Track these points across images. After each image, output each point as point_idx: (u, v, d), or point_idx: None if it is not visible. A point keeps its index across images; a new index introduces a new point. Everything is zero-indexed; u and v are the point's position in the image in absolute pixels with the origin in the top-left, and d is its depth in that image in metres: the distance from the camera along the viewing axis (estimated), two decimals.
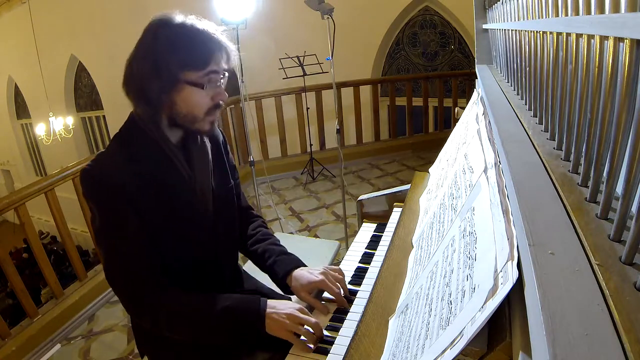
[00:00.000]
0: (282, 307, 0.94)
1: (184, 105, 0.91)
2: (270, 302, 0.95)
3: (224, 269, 1.11)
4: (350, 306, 1.03)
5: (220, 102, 0.95)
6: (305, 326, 0.92)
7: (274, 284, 1.13)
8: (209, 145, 1.06)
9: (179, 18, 0.91)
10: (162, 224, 0.96)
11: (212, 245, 1.06)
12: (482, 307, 0.51)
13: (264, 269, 1.14)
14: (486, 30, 1.69)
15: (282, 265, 1.09)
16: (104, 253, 0.94)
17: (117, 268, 0.94)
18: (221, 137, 1.15)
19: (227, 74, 0.95)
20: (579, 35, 0.57)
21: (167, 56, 0.87)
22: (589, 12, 0.53)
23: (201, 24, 0.92)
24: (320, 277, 1.03)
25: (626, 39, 0.41)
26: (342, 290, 1.04)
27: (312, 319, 0.93)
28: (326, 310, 1.01)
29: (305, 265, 1.11)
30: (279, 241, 1.20)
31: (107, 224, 0.92)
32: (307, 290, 1.03)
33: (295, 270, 1.07)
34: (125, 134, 0.97)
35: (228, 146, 1.17)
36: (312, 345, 0.91)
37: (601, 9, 0.49)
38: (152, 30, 0.90)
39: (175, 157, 0.97)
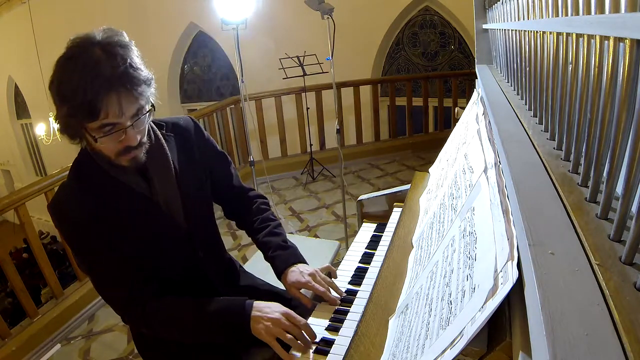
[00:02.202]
0: (267, 311, 0.93)
1: (93, 145, 0.87)
2: (257, 305, 0.94)
3: (208, 271, 1.10)
4: (350, 306, 1.03)
5: (130, 144, 0.87)
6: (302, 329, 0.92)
7: (272, 281, 1.14)
8: (174, 146, 1.02)
9: (91, 46, 0.79)
10: (132, 245, 0.96)
11: (190, 252, 1.06)
12: (482, 307, 0.51)
13: (267, 259, 1.14)
14: (486, 30, 1.69)
15: (278, 262, 1.09)
16: (88, 276, 0.98)
17: (101, 287, 0.97)
18: (192, 129, 1.08)
19: (145, 108, 0.86)
20: (579, 35, 0.57)
21: (63, 100, 0.80)
22: (589, 12, 0.53)
23: (106, 60, 0.79)
24: (308, 278, 1.04)
25: (626, 39, 0.41)
26: (331, 290, 1.04)
27: (296, 327, 0.91)
28: (310, 304, 1.03)
29: (302, 259, 1.10)
30: (279, 225, 1.18)
31: (81, 252, 0.95)
32: (296, 287, 1.04)
33: (290, 268, 1.07)
34: (78, 164, 0.95)
35: (205, 134, 1.11)
36: (297, 354, 0.89)
37: (601, 9, 0.49)
38: (59, 63, 0.81)
39: (128, 178, 0.94)
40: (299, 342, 0.90)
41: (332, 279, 1.10)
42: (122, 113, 0.81)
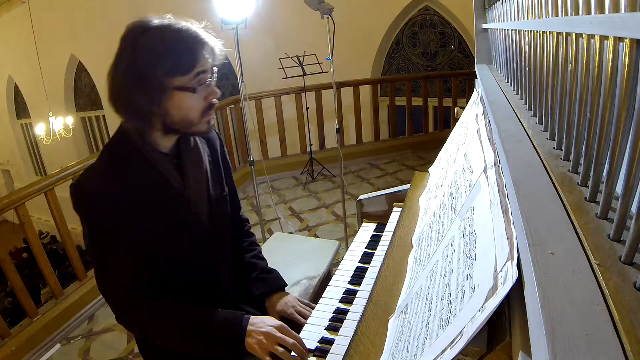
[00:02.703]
0: (261, 325, 0.93)
1: (177, 111, 0.89)
2: (252, 320, 0.94)
3: (221, 273, 1.11)
4: (350, 306, 1.04)
5: (214, 101, 0.93)
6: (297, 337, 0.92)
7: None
8: (207, 150, 1.05)
9: (156, 21, 0.87)
10: (155, 238, 0.95)
11: (208, 254, 1.06)
12: (482, 307, 0.51)
13: (249, 279, 1.19)
14: (486, 30, 1.68)
15: (262, 285, 1.15)
16: (94, 265, 0.96)
17: (106, 280, 0.96)
18: (218, 142, 1.13)
19: (216, 69, 0.92)
20: (579, 35, 0.57)
21: (152, 66, 0.84)
22: (589, 12, 0.53)
23: (180, 24, 0.87)
24: (292, 310, 1.10)
25: (626, 39, 0.41)
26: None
27: (290, 340, 0.90)
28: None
29: (284, 284, 1.18)
30: (261, 251, 1.25)
31: (96, 239, 0.93)
32: (279, 315, 1.09)
33: (276, 295, 1.14)
34: (115, 148, 0.95)
35: (225, 150, 1.17)
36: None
37: (601, 9, 0.49)
38: (131, 40, 0.86)
39: (167, 170, 0.95)
40: (292, 354, 0.90)
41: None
42: (213, 58, 0.89)
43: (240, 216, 1.27)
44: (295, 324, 1.06)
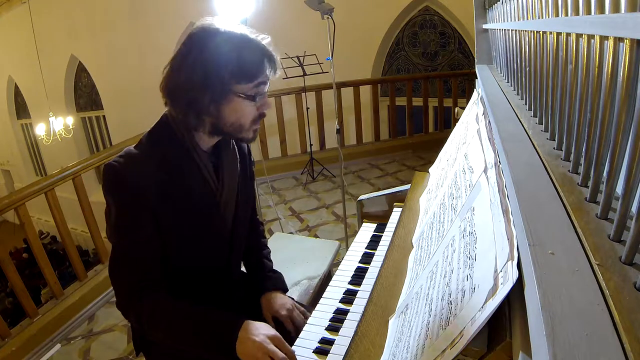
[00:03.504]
0: (255, 332, 0.89)
1: (232, 115, 0.92)
2: (247, 326, 0.90)
3: (232, 271, 1.13)
4: (350, 306, 1.04)
5: (265, 111, 0.96)
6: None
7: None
8: (237, 154, 1.07)
9: (222, 25, 0.90)
10: (179, 232, 0.96)
11: (226, 253, 1.07)
12: (482, 307, 0.51)
13: (252, 276, 1.21)
14: (486, 30, 1.68)
15: (268, 282, 1.17)
16: (112, 246, 0.95)
17: (120, 266, 0.95)
18: (246, 147, 1.15)
19: (269, 82, 0.96)
20: (579, 35, 0.57)
21: (219, 67, 0.87)
22: (589, 12, 0.53)
23: (250, 33, 0.91)
24: (286, 313, 1.10)
25: (626, 39, 0.41)
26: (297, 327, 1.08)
27: (280, 354, 0.86)
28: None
29: (286, 287, 1.19)
30: (269, 253, 1.27)
31: (121, 223, 0.93)
32: (272, 314, 1.10)
33: (276, 293, 1.15)
34: (157, 136, 0.96)
35: (252, 155, 1.19)
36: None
37: (601, 9, 0.49)
38: (201, 40, 0.88)
39: (205, 167, 0.97)
40: None
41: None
42: (273, 71, 0.94)
43: (257, 218, 1.30)
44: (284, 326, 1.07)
